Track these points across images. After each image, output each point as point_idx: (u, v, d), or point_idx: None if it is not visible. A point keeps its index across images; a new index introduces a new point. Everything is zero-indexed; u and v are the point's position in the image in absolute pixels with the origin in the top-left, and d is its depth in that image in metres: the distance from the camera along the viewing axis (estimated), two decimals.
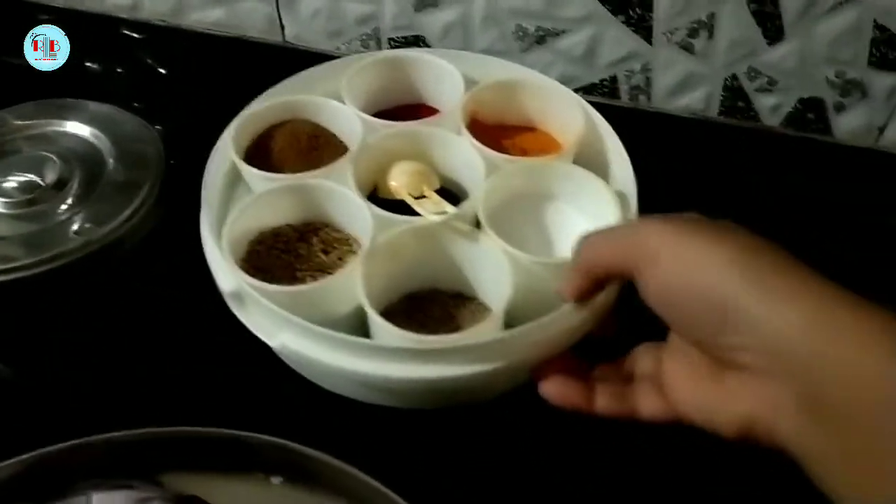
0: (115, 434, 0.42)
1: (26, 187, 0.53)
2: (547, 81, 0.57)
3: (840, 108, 0.61)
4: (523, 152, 0.54)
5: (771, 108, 0.63)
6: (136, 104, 0.67)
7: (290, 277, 0.46)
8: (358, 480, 0.39)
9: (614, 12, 0.61)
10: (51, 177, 0.53)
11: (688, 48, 0.61)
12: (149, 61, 0.73)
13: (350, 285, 0.42)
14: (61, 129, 0.58)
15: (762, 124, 0.64)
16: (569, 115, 0.54)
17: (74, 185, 0.54)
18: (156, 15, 0.74)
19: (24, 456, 0.40)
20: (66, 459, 0.40)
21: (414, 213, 0.46)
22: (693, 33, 0.60)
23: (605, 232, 0.39)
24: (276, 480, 0.41)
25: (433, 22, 0.66)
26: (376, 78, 0.56)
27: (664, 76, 0.64)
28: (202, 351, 0.50)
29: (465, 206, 0.47)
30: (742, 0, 0.57)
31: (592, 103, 0.65)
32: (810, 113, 0.62)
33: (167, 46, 0.74)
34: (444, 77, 0.56)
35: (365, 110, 0.54)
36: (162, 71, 0.73)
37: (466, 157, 0.50)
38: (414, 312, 0.47)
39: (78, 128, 0.57)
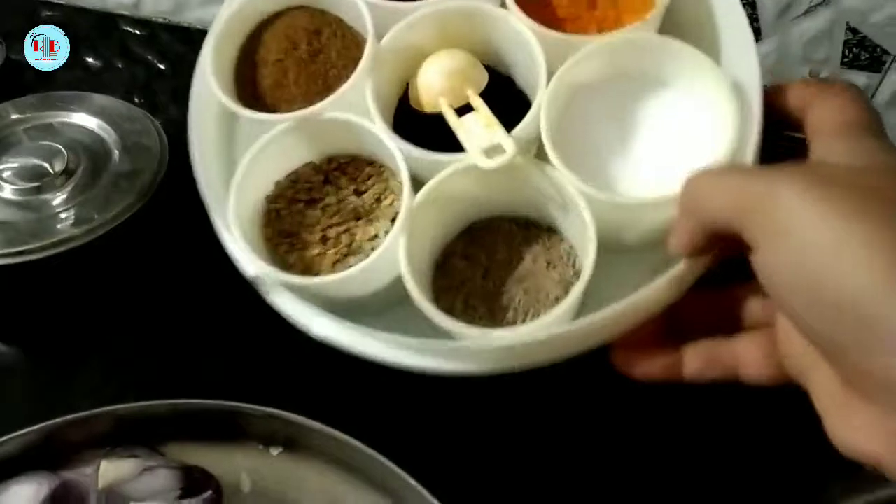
0: (121, 406, 0.44)
1: (34, 175, 0.55)
2: None
3: None
4: (591, 5, 0.38)
5: None
6: (136, 99, 0.70)
7: (321, 239, 0.38)
8: (357, 450, 0.41)
9: None
10: (58, 166, 0.55)
11: None
12: (149, 57, 0.75)
13: (393, 256, 0.35)
14: (68, 120, 0.60)
15: None
16: None
17: (80, 175, 0.55)
18: (157, 13, 0.76)
19: (37, 426, 0.42)
20: (76, 430, 0.42)
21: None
22: None
23: (723, 170, 0.29)
24: (275, 451, 0.44)
25: None
26: None
27: None
28: (202, 327, 0.52)
29: (524, 126, 0.35)
30: None
31: None
32: None
33: (167, 43, 0.76)
34: None
35: None
36: (161, 67, 0.75)
37: (519, 41, 0.37)
38: (474, 254, 0.39)
39: (84, 119, 0.59)
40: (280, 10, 0.41)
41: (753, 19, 0.60)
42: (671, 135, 0.36)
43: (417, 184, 0.37)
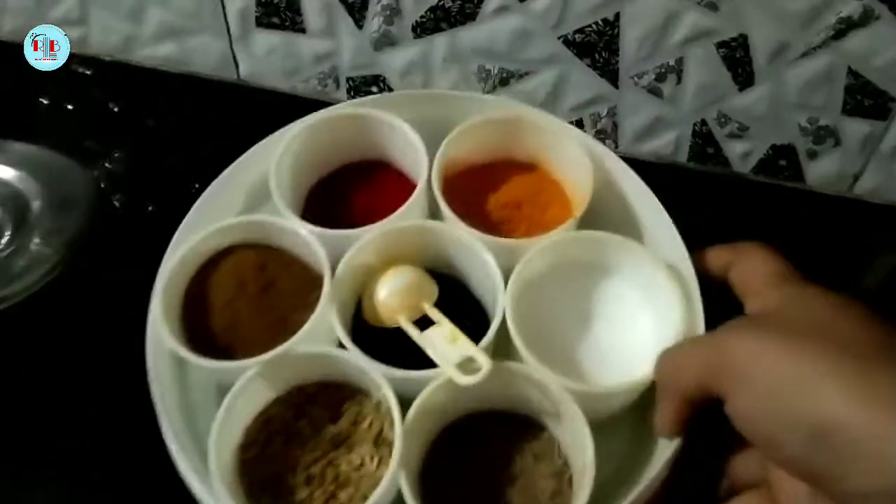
0: None
1: None
2: (532, 115, 0.46)
3: (813, 155, 0.59)
4: (517, 206, 0.45)
5: (741, 154, 0.61)
6: (86, 142, 0.64)
7: (305, 479, 0.37)
8: None
9: (579, 55, 0.58)
10: None
11: (655, 92, 0.59)
12: (99, 98, 0.70)
13: (392, 488, 0.35)
14: None
15: (732, 171, 0.62)
16: (570, 157, 0.44)
17: None
18: (104, 50, 0.71)
19: None
20: None
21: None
22: (661, 77, 0.58)
23: (685, 346, 0.34)
24: None
25: (392, 61, 0.63)
26: (313, 145, 0.46)
27: (631, 120, 0.61)
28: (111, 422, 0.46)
29: (490, 338, 0.38)
30: (711, 45, 0.54)
31: None
32: (782, 160, 0.60)
33: (117, 83, 0.71)
34: (397, 136, 0.46)
35: (305, 182, 0.46)
36: (114, 109, 0.69)
37: (469, 252, 0.41)
38: (459, 460, 0.39)
39: (1, 170, 0.54)
40: (222, 249, 0.41)
41: (745, 62, 0.55)
42: (624, 317, 0.41)
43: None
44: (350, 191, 0.46)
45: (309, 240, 0.40)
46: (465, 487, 0.37)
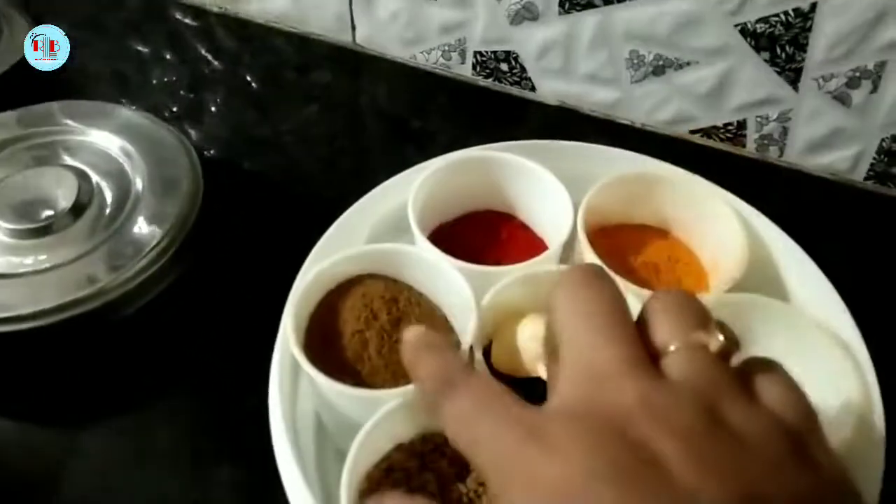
0: None
1: (33, 213, 0.43)
2: (679, 175, 0.43)
3: None
4: (656, 270, 0.42)
5: None
6: (173, 104, 0.59)
7: None
8: None
9: (757, 48, 0.50)
10: (65, 201, 0.44)
11: (842, 100, 0.50)
12: (202, 52, 0.65)
13: None
14: (85, 138, 0.48)
15: None
16: (719, 227, 0.41)
17: (93, 214, 0.44)
18: (213, 1, 0.65)
19: None
20: None
21: None
22: (853, 83, 0.49)
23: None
24: None
25: (530, 38, 0.56)
26: (444, 187, 0.43)
27: (806, 128, 0.52)
28: (209, 451, 0.41)
29: None
30: None
31: (710, 149, 0.54)
32: None
33: (222, 37, 0.65)
34: (538, 186, 0.42)
35: (427, 225, 0.42)
36: (216, 64, 0.64)
37: None
38: None
39: (105, 139, 0.48)
40: (351, 278, 0.38)
41: None
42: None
43: None
44: (474, 239, 0.43)
45: (450, 272, 0.37)
46: None
